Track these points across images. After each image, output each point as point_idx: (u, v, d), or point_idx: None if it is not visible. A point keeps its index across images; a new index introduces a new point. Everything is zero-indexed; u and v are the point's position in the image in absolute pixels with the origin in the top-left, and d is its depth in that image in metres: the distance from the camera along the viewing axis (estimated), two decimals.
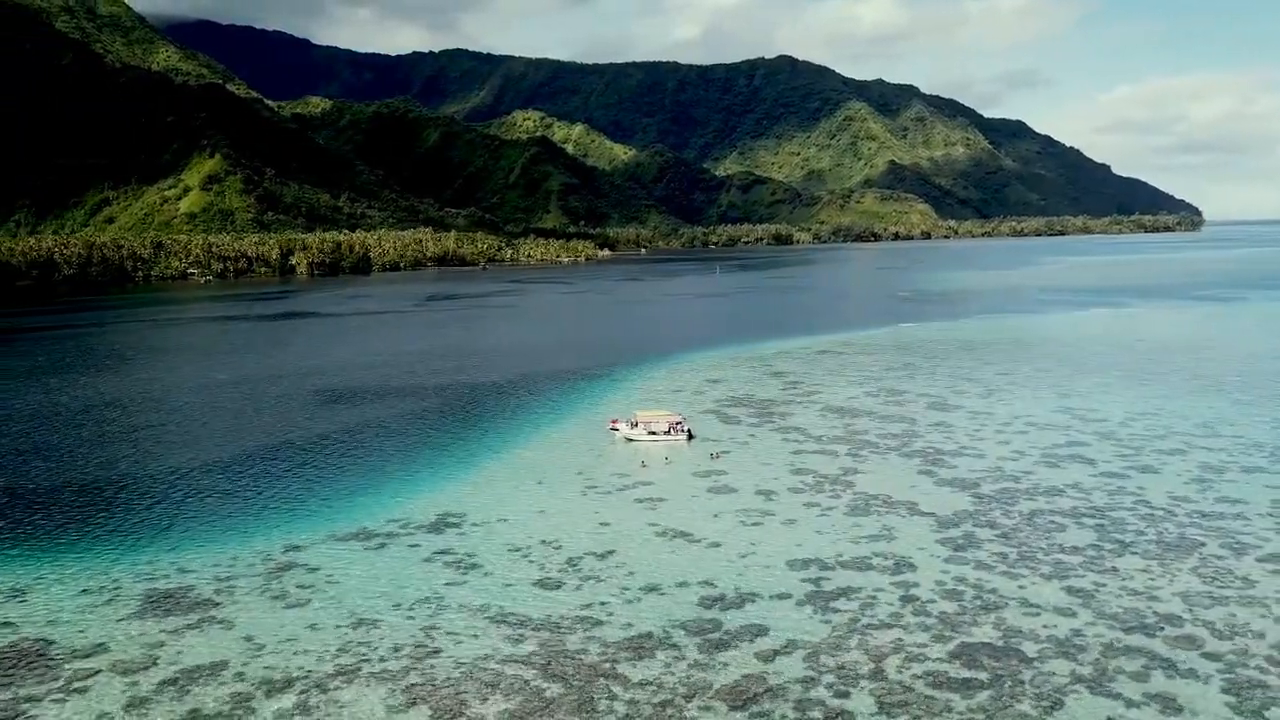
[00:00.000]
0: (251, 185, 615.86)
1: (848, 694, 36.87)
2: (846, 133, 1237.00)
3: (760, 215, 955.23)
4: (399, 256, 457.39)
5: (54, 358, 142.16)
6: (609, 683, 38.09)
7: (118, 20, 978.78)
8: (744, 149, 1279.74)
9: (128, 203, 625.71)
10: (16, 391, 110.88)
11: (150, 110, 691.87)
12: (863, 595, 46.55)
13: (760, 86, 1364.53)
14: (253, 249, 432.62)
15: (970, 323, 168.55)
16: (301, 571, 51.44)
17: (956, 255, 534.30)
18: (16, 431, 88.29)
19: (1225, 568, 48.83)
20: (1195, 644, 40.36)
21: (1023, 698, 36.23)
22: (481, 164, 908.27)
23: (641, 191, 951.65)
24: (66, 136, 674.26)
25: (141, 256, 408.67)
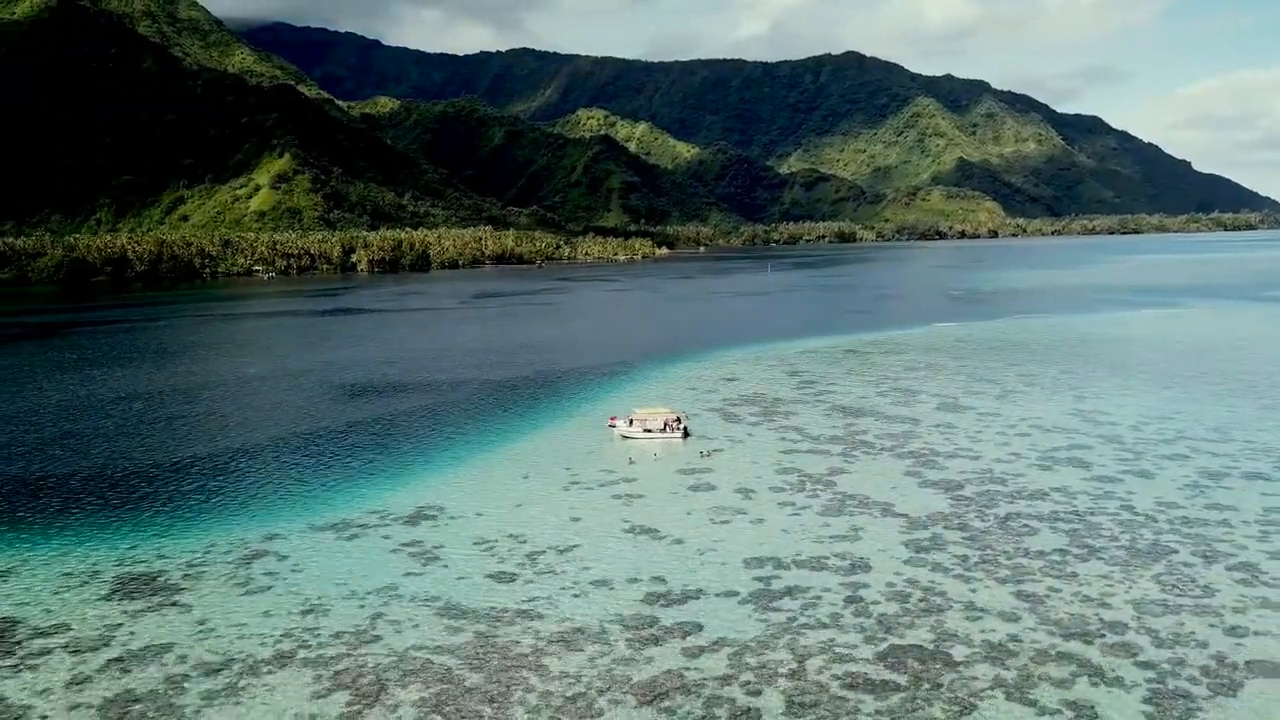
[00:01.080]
0: (318, 184, 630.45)
1: (760, 692, 36.90)
2: (914, 129, 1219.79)
3: (823, 213, 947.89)
4: (458, 254, 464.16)
5: (103, 350, 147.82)
6: (529, 674, 38.68)
7: (196, 24, 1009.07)
8: (809, 146, 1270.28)
9: (201, 201, 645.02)
10: (58, 382, 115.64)
11: (224, 111, 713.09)
12: (808, 595, 46.40)
13: (826, 83, 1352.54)
14: (315, 246, 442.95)
15: (1010, 323, 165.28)
16: (271, 559, 53.01)
17: (1020, 254, 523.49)
18: (44, 421, 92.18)
19: (1189, 575, 47.53)
20: (1131, 652, 39.46)
21: (936, 701, 35.89)
22: (544, 163, 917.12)
23: (703, 189, 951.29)
24: (145, 137, 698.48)
25: (209, 254, 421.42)
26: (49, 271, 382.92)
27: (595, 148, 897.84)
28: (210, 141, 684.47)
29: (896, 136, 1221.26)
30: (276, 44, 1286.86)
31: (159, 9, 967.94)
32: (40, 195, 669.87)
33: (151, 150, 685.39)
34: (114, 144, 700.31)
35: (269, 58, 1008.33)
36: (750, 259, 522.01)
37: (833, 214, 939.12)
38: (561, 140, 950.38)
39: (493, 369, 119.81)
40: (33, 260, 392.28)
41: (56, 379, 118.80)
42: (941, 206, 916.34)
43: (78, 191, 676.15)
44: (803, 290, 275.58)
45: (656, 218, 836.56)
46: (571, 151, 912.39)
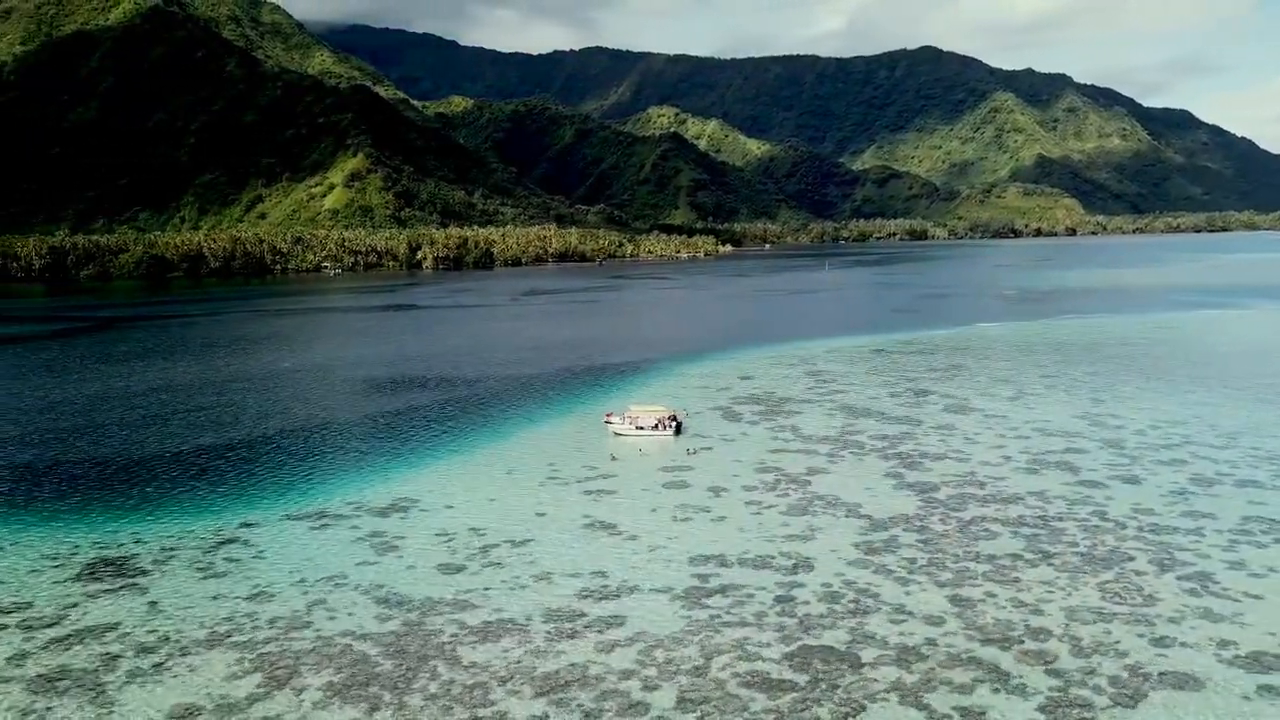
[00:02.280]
0: (390, 182, 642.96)
1: (657, 688, 37.29)
2: (991, 125, 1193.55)
3: (896, 210, 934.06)
4: (520, 252, 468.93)
5: (151, 343, 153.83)
6: (439, 663, 39.68)
7: (279, 28, 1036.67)
8: (882, 143, 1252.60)
9: (278, 199, 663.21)
10: (97, 373, 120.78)
11: (302, 112, 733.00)
12: (741, 593, 46.52)
13: (902, 79, 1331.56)
14: (383, 244, 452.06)
15: (1053, 323, 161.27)
16: (239, 546, 55.00)
17: (1094, 252, 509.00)
18: (71, 410, 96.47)
19: (1136, 584, 46.37)
20: (1045, 660, 38.80)
21: (826, 702, 35.86)
22: (614, 161, 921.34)
23: (773, 186, 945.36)
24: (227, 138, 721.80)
25: (280, 250, 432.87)
26: (130, 267, 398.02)
27: (664, 145, 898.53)
28: (288, 141, 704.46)
29: (973, 132, 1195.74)
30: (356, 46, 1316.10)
31: (243, 13, 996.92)
32: (131, 193, 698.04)
33: (233, 150, 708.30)
34: (198, 144, 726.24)
35: (347, 59, 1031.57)
36: (812, 257, 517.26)
37: (905, 211, 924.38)
38: (631, 138, 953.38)
39: (513, 365, 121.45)
40: (115, 256, 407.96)
41: (97, 370, 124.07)
42: (1018, 204, 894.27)
43: (164, 190, 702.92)
44: (853, 289, 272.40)
45: (724, 215, 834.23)
46: (640, 149, 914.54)
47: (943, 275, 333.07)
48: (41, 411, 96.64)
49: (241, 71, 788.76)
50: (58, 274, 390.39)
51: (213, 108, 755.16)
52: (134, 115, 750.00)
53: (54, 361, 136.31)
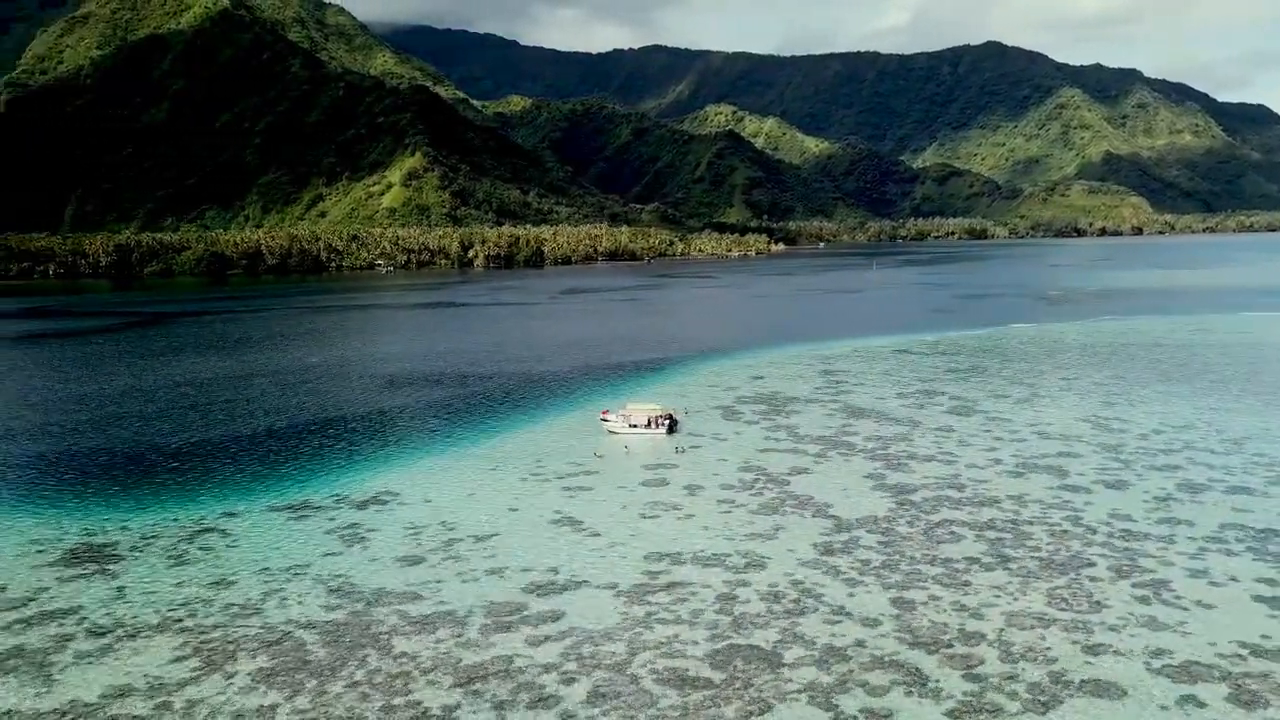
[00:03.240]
0: (447, 181, 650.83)
1: (574, 681, 37.75)
2: (1057, 122, 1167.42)
3: (956, 209, 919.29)
4: (571, 251, 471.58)
5: (189, 339, 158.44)
6: (371, 651, 40.62)
7: (343, 29, 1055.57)
8: (944, 140, 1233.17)
9: (338, 198, 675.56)
10: (128, 367, 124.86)
11: (362, 112, 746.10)
12: (685, 590, 46.74)
13: (965, 75, 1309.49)
14: (435, 242, 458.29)
15: (1091, 324, 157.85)
16: (215, 536, 56.69)
17: (1157, 252, 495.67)
18: (93, 403, 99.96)
19: (1087, 591, 45.56)
20: (969, 664, 38.42)
21: (735, 700, 35.99)
22: (669, 159, 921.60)
23: (830, 185, 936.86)
24: (290, 137, 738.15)
25: (335, 248, 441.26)
26: (191, 264, 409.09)
27: (719, 143, 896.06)
28: (348, 141, 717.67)
29: (1038, 129, 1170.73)
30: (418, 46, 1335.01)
31: (308, 15, 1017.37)
32: (199, 192, 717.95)
33: (296, 149, 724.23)
34: (263, 144, 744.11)
35: (409, 59, 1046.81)
36: (864, 256, 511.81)
37: (966, 210, 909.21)
38: (686, 136, 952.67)
39: (528, 362, 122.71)
40: (177, 254, 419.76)
41: (128, 364, 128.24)
42: (1082, 202, 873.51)
43: (230, 189, 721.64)
44: (895, 288, 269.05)
45: (780, 213, 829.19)
46: (696, 148, 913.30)
47: (992, 275, 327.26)
48: (62, 403, 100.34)
49: (305, 73, 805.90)
50: (123, 270, 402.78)
51: (278, 108, 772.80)
52: (202, 116, 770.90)
53: (91, 355, 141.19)
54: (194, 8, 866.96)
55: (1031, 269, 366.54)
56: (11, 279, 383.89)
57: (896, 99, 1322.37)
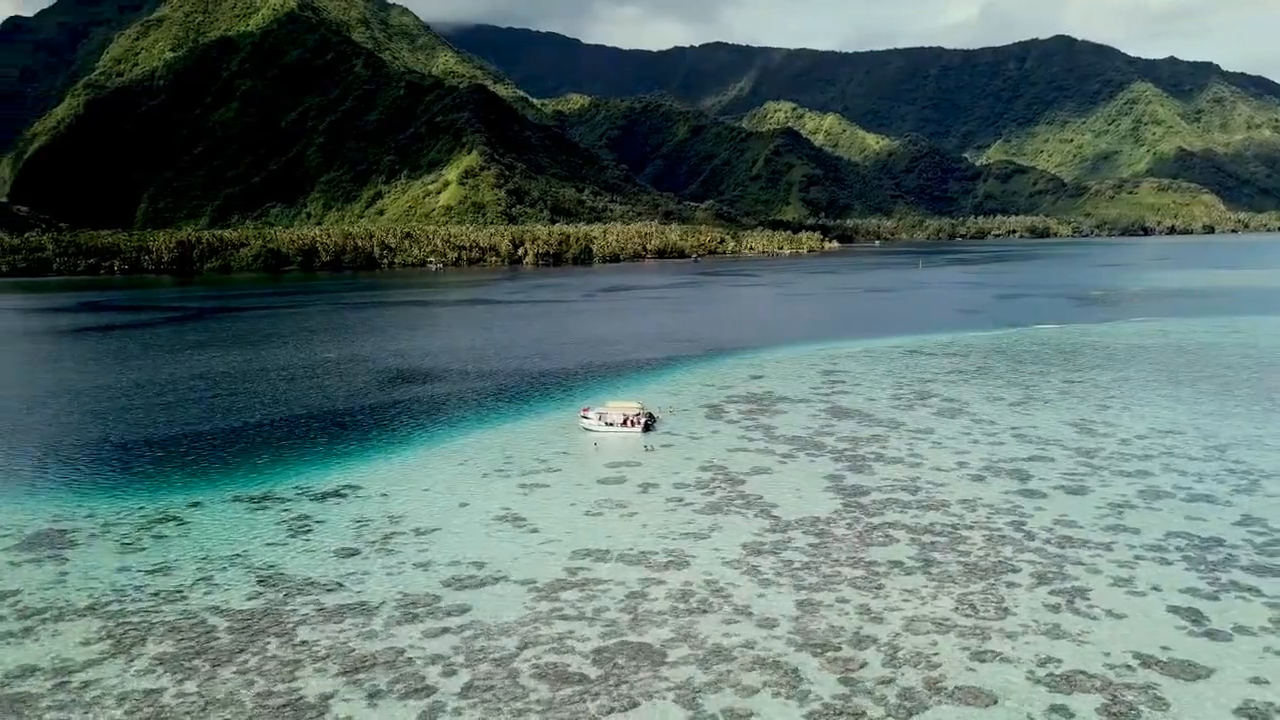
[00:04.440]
0: (502, 180, 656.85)
1: (454, 674, 38.52)
2: (1128, 117, 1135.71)
3: (1020, 207, 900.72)
4: (619, 249, 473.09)
5: (222, 333, 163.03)
6: (272, 639, 41.88)
7: (406, 30, 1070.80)
8: (1009, 137, 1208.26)
9: (396, 196, 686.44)
10: (152, 360, 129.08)
11: (422, 111, 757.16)
12: (598, 588, 47.20)
13: (1032, 70, 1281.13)
14: (486, 240, 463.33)
15: (1119, 325, 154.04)
16: (173, 525, 58.62)
17: (1225, 252, 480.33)
18: (98, 396, 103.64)
19: (1000, 597, 44.96)
20: (848, 667, 38.31)
21: (601, 697, 36.42)
22: (726, 156, 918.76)
23: (889, 182, 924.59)
24: (352, 136, 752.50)
25: (388, 245, 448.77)
26: (248, 261, 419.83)
27: (776, 141, 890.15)
28: (408, 140, 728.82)
29: (1108, 125, 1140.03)
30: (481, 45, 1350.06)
31: (373, 16, 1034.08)
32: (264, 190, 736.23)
33: (357, 148, 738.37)
34: (326, 143, 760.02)
35: (470, 59, 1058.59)
36: (917, 254, 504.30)
37: (1030, 208, 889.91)
38: (744, 134, 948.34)
39: (532, 360, 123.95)
40: (236, 250, 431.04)
41: (150, 358, 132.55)
42: (1151, 200, 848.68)
43: (294, 187, 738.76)
44: (933, 288, 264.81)
45: (837, 211, 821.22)
46: (753, 145, 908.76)
47: (1038, 275, 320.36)
48: (68, 395, 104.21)
49: (368, 72, 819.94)
50: (184, 266, 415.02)
51: (340, 108, 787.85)
52: (268, 115, 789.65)
53: (118, 349, 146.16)
54: (262, 10, 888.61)
55: (1081, 268, 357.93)
56: (79, 274, 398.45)
57: (961, 95, 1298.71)
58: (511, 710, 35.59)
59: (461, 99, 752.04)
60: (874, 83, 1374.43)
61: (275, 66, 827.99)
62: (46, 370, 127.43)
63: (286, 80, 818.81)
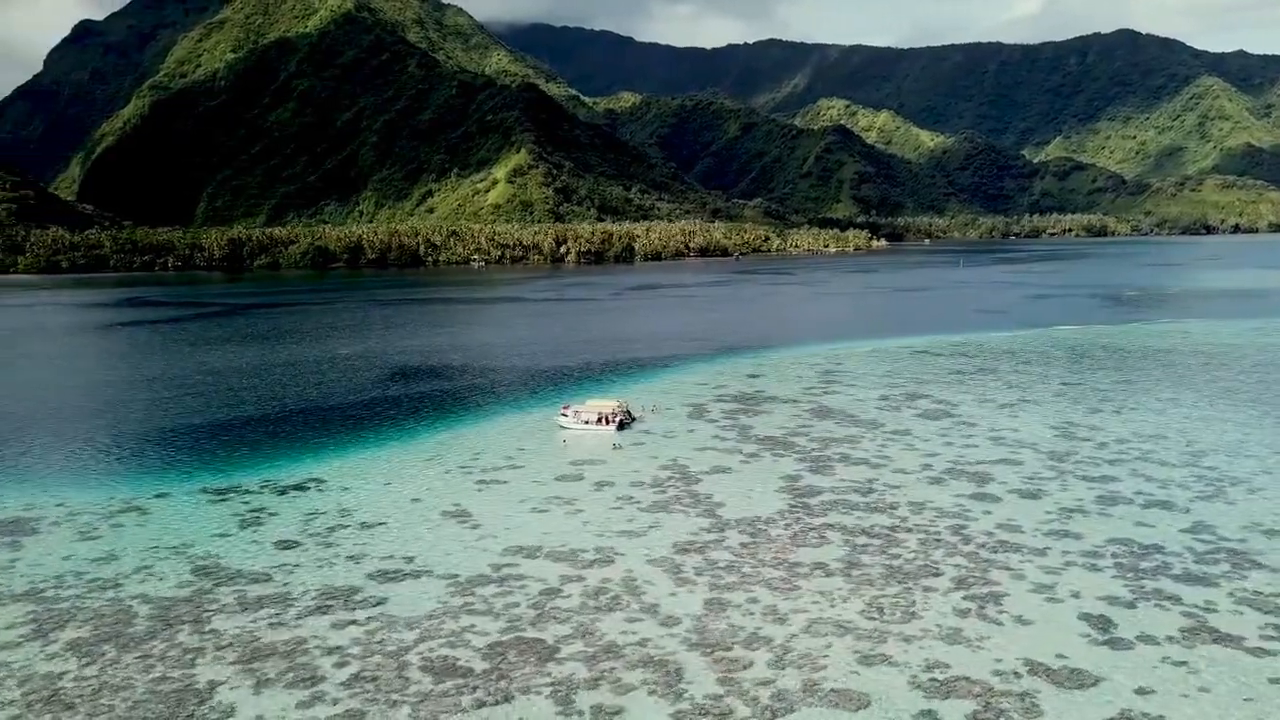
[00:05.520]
0: (550, 178, 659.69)
1: (345, 665, 39.25)
2: (1193, 113, 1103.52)
3: (1078, 205, 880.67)
4: (661, 247, 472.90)
5: (248, 329, 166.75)
6: (184, 628, 43.05)
7: (460, 30, 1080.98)
8: (1069, 133, 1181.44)
9: (446, 195, 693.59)
10: (172, 354, 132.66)
11: (473, 110, 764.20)
12: (517, 584, 47.65)
13: (1094, 65, 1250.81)
14: (529, 238, 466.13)
15: (1141, 327, 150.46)
16: (134, 515, 60.37)
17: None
18: (101, 390, 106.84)
19: (911, 601, 44.50)
20: (731, 667, 38.28)
21: (479, 690, 36.89)
22: (776, 154, 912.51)
23: (943, 180, 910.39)
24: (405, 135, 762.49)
25: (434, 243, 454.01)
26: (296, 258, 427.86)
27: (828, 138, 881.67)
28: (458, 138, 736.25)
29: (1172, 121, 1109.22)
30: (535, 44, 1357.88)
31: (427, 16, 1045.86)
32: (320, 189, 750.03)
33: (409, 147, 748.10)
34: (379, 142, 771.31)
35: (522, 58, 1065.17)
36: (966, 253, 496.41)
37: (1088, 206, 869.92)
38: (795, 131, 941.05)
39: (537, 358, 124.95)
40: (285, 248, 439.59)
41: (169, 352, 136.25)
42: (1215, 198, 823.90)
43: (348, 186, 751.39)
44: (967, 287, 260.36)
45: (889, 209, 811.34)
46: (804, 142, 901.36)
47: (1079, 274, 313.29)
48: (73, 388, 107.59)
49: (421, 72, 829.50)
50: (235, 263, 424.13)
51: (394, 107, 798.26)
52: (324, 115, 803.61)
53: (141, 343, 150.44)
54: (320, 11, 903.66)
55: (1126, 268, 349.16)
56: (135, 270, 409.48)
57: (1020, 91, 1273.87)
58: (387, 701, 36.26)
59: (511, 98, 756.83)
60: (931, 79, 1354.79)
61: (331, 67, 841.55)
62: (59, 363, 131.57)
63: (342, 80, 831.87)
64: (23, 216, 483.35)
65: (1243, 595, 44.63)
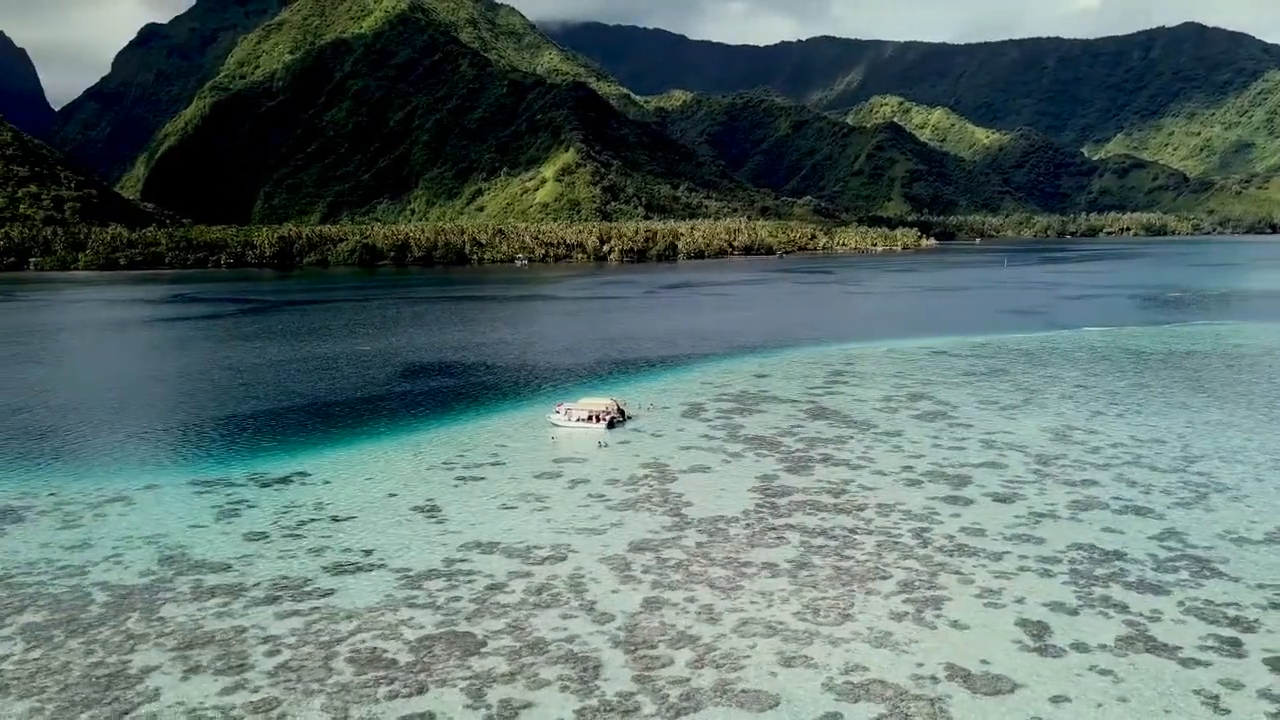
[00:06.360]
0: (598, 177, 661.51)
1: (276, 654, 40.13)
2: (1262, 108, 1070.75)
3: (1137, 203, 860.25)
4: (704, 245, 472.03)
5: (278, 325, 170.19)
6: (133, 615, 44.31)
7: (513, 29, 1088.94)
8: (1131, 130, 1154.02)
9: (495, 193, 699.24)
10: (191, 352, 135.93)
11: (523, 109, 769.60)
12: (465, 579, 48.20)
13: (1157, 59, 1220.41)
14: (573, 236, 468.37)
15: (1173, 329, 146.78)
16: (120, 505, 62.19)
17: None
18: (125, 381, 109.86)
19: (849, 603, 44.19)
20: (650, 665, 38.40)
21: (396, 682, 37.47)
22: (827, 152, 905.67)
23: (997, 178, 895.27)
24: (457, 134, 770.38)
25: (479, 241, 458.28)
26: (345, 255, 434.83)
27: (879, 136, 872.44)
28: (508, 137, 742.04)
29: (1240, 117, 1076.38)
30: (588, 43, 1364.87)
31: (480, 16, 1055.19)
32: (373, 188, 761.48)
33: (460, 146, 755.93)
34: (430, 141, 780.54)
35: (574, 57, 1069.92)
36: (1008, 252, 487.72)
37: (1148, 204, 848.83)
38: (846, 129, 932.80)
39: (551, 355, 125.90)
40: (334, 245, 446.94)
41: (192, 348, 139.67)
42: None
43: (400, 184, 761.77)
44: (1004, 287, 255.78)
45: (941, 208, 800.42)
46: (855, 140, 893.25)
47: (1127, 274, 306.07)
48: (89, 382, 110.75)
49: (473, 71, 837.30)
50: (284, 261, 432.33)
51: (445, 106, 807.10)
52: (378, 115, 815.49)
53: (176, 338, 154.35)
54: (375, 12, 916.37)
55: (1177, 268, 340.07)
56: (189, 267, 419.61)
57: (1080, 87, 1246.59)
58: (305, 691, 37.03)
59: (561, 97, 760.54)
60: (988, 75, 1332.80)
61: (385, 67, 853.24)
62: (84, 357, 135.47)
63: (395, 80, 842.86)
64: (86, 215, 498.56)
65: (1192, 605, 43.61)
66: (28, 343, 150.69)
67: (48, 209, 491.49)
